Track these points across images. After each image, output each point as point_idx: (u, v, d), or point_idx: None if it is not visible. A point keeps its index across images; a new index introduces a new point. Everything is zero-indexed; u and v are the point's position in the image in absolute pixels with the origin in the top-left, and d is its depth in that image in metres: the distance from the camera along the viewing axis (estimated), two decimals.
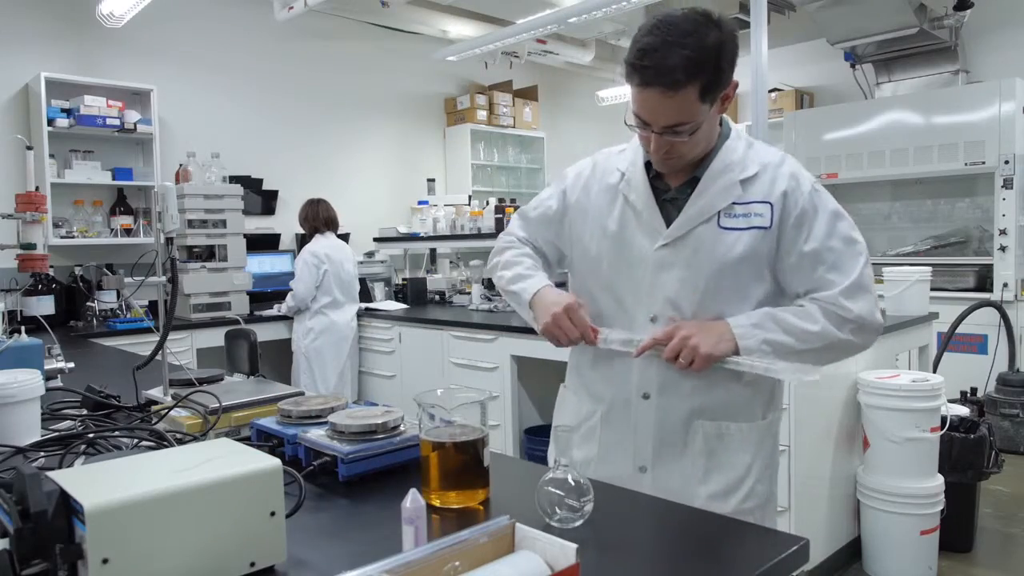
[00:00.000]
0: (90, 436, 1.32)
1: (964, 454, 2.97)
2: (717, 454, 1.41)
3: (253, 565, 0.87)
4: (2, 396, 1.34)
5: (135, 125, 4.29)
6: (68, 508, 0.79)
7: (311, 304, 4.33)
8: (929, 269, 3.50)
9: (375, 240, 5.50)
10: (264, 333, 4.13)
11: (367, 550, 0.93)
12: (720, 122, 1.41)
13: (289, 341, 4.46)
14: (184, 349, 4.01)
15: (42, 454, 1.28)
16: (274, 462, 0.90)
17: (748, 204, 1.36)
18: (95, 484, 0.82)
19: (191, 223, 4.07)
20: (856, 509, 2.98)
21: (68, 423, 1.53)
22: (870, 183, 5.57)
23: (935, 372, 3.57)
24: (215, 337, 3.89)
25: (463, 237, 4.97)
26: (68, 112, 4.11)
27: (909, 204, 5.67)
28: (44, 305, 2.36)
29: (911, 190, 5.60)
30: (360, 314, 4.56)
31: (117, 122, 4.22)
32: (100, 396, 1.66)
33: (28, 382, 1.39)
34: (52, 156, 4.11)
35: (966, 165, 4.90)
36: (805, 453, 2.68)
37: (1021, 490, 3.80)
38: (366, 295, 4.87)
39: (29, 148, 2.28)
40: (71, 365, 2.08)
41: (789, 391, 2.56)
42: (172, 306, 1.61)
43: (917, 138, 5.09)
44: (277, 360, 4.61)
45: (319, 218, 4.44)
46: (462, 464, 1.10)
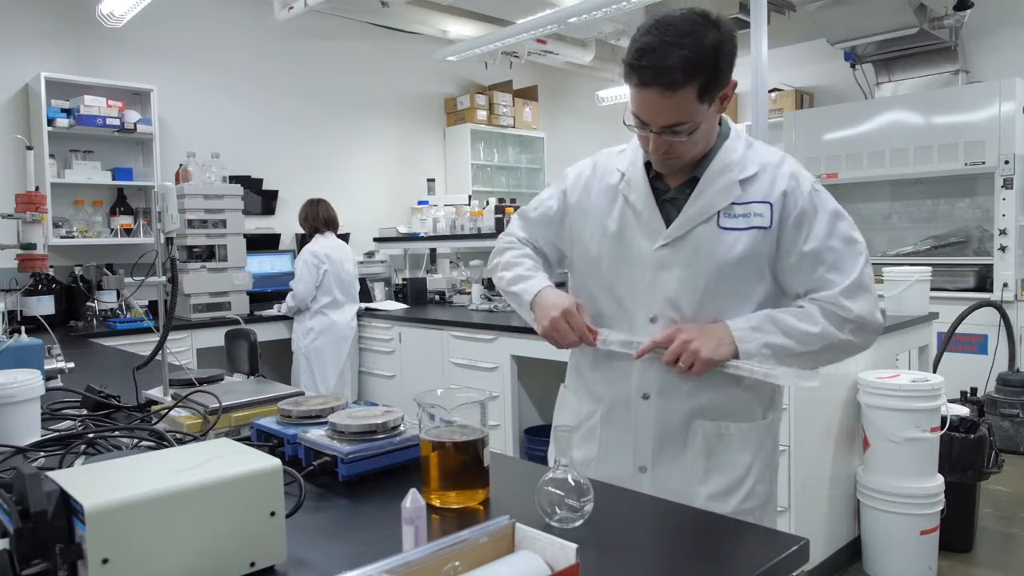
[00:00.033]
0: (90, 436, 1.32)
1: (964, 454, 2.97)
2: (717, 454, 1.41)
3: (253, 565, 0.87)
4: (2, 396, 1.34)
5: (135, 125, 4.29)
6: (68, 508, 0.79)
7: (311, 304, 4.33)
8: (929, 269, 3.50)
9: (375, 240, 5.50)
10: (264, 333, 4.13)
11: (367, 550, 0.93)
12: (720, 122, 1.41)
13: (289, 341, 4.46)
14: (184, 349, 4.01)
15: (42, 454, 1.28)
16: (274, 462, 0.90)
17: (748, 204, 1.36)
18: (95, 484, 0.82)
19: (191, 223, 4.07)
20: (856, 509, 2.98)
21: (68, 423, 1.53)
22: (870, 183, 5.56)
23: (935, 372, 3.58)
24: (215, 337, 3.90)
25: (463, 237, 4.97)
26: (68, 112, 4.11)
27: (909, 204, 5.67)
28: (44, 305, 2.36)
29: (911, 190, 5.60)
30: (360, 314, 4.56)
31: (117, 122, 4.22)
32: (100, 396, 1.65)
33: (28, 382, 1.39)
34: (52, 156, 4.11)
35: (966, 165, 4.90)
36: (805, 453, 2.68)
37: (1021, 490, 3.80)
38: (366, 295, 4.86)
39: (29, 148, 2.28)
40: (71, 365, 2.08)
41: (789, 391, 2.55)
42: (172, 306, 1.61)
43: (917, 138, 5.09)
44: (277, 360, 4.61)
45: (319, 218, 4.44)
46: (462, 464, 1.10)
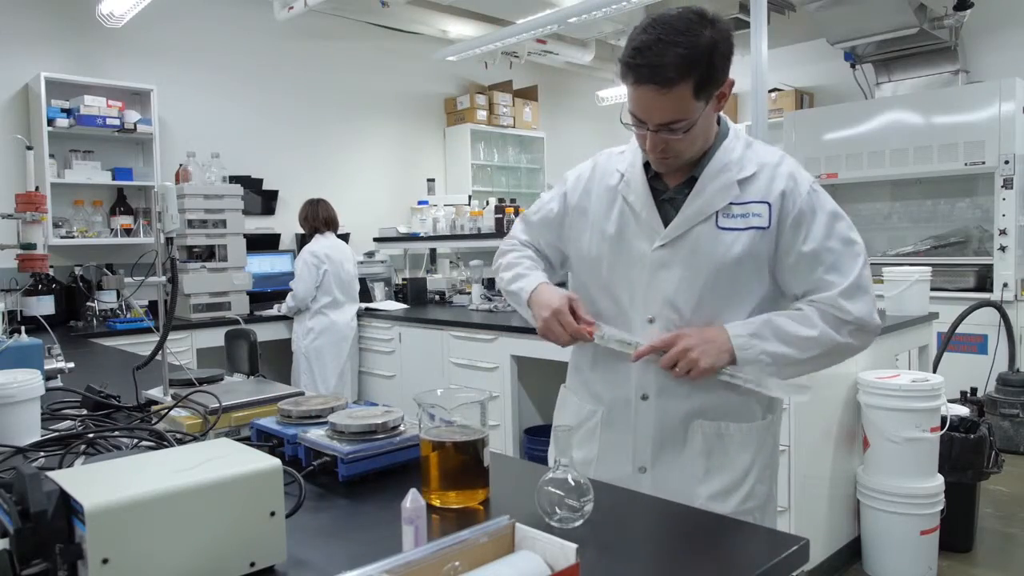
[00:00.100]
0: (90, 436, 1.32)
1: (964, 454, 2.97)
2: (717, 454, 1.41)
3: (253, 565, 0.87)
4: (2, 396, 1.34)
5: (135, 125, 4.29)
6: (68, 508, 0.79)
7: (311, 304, 4.33)
8: (929, 269, 3.49)
9: (375, 240, 5.50)
10: (264, 333, 4.13)
11: (367, 550, 0.93)
12: (718, 121, 1.41)
13: (289, 341, 4.46)
14: (184, 349, 4.01)
15: (42, 454, 1.27)
16: (274, 462, 0.90)
17: (746, 204, 1.36)
18: (95, 484, 0.82)
19: (191, 223, 4.07)
20: (856, 509, 2.98)
21: (68, 423, 1.53)
22: (870, 183, 5.56)
23: (935, 372, 3.58)
24: (215, 337, 3.90)
25: (463, 237, 4.97)
26: (68, 112, 4.11)
27: (909, 204, 5.66)
28: (44, 305, 2.37)
29: (911, 190, 5.59)
30: (360, 314, 4.56)
31: (117, 122, 4.22)
32: (100, 396, 1.65)
33: (28, 382, 1.38)
34: (52, 156, 4.11)
35: (966, 165, 4.90)
36: (805, 453, 2.68)
37: (1021, 490, 3.80)
38: (366, 295, 4.86)
39: (29, 148, 2.27)
40: (71, 365, 2.08)
41: None
42: (172, 306, 1.61)
43: (917, 138, 5.09)
44: (277, 360, 4.61)
45: (319, 218, 4.44)
46: (462, 464, 1.10)
